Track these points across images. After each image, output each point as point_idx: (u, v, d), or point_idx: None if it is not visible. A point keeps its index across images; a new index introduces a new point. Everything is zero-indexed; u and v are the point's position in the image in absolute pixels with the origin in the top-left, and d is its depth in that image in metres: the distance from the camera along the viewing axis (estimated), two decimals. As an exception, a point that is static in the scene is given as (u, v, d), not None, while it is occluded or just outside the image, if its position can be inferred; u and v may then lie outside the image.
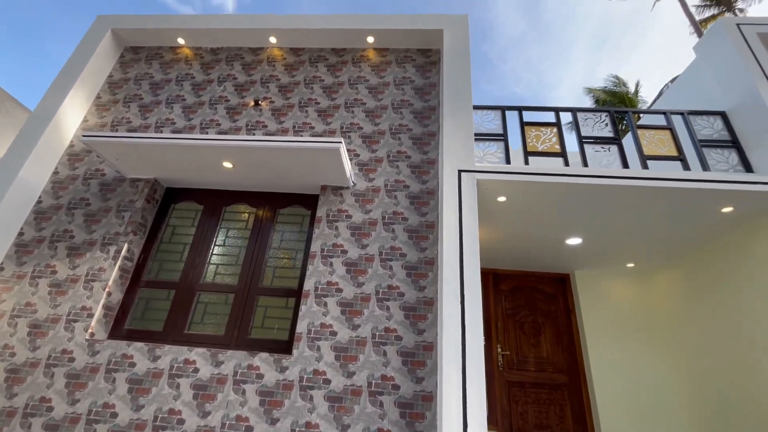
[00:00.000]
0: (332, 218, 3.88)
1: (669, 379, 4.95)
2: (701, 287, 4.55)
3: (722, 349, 4.19)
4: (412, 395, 3.11)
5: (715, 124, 4.32)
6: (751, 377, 3.81)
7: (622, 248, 4.94)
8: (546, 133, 4.36)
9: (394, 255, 3.67)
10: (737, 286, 4.05)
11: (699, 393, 4.53)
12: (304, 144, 3.40)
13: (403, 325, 3.37)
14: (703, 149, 4.12)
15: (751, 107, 4.12)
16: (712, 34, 4.68)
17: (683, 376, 4.79)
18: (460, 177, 3.61)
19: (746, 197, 3.57)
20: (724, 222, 3.95)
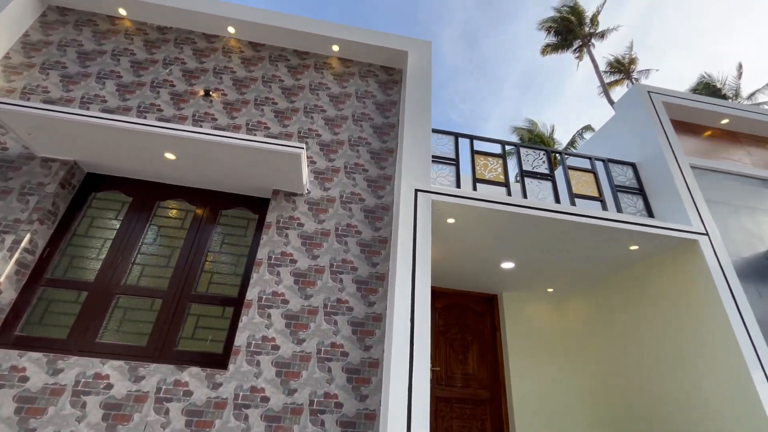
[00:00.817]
0: (283, 225, 3.71)
1: (578, 395, 5.51)
2: (608, 312, 5.19)
3: (623, 368, 4.80)
4: (355, 413, 3.05)
5: (627, 173, 5.03)
6: (646, 394, 4.41)
7: (545, 274, 5.44)
8: (493, 163, 4.69)
9: (346, 268, 3.61)
10: (638, 313, 4.70)
11: (603, 408, 5.11)
12: (264, 145, 3.22)
13: (350, 340, 3.31)
14: (618, 193, 4.77)
15: (654, 162, 4.88)
16: (629, 96, 5.49)
17: (590, 392, 5.37)
18: (416, 196, 3.70)
19: (648, 238, 4.18)
20: (631, 257, 4.57)
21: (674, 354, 4.09)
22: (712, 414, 3.60)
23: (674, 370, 4.06)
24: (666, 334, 4.23)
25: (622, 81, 18.83)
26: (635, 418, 4.48)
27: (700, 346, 3.81)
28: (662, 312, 4.32)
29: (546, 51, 19.07)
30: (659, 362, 4.25)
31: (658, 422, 4.15)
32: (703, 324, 3.82)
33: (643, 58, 18.51)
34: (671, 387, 4.06)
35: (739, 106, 5.50)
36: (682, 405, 3.90)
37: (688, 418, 3.83)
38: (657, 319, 4.37)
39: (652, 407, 4.26)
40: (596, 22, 18.06)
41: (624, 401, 4.70)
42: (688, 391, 3.86)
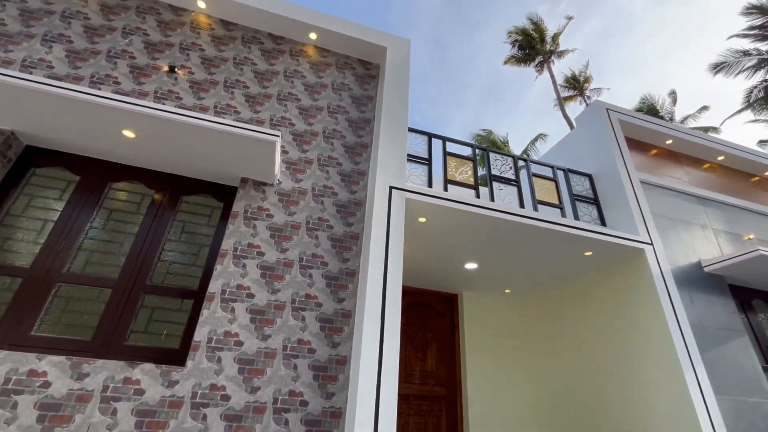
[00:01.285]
0: (251, 215, 3.54)
1: (530, 392, 5.80)
2: (561, 313, 5.50)
3: (573, 367, 5.11)
4: (321, 411, 2.98)
5: (585, 183, 5.36)
6: (593, 391, 4.73)
7: (505, 275, 5.66)
8: (464, 165, 4.79)
9: (316, 263, 3.51)
10: (588, 315, 5.02)
11: (552, 405, 5.42)
12: (236, 129, 3.04)
13: (318, 337, 3.23)
14: (575, 202, 5.06)
15: (608, 175, 5.24)
16: (589, 111, 5.85)
17: (541, 390, 5.67)
18: (391, 193, 3.69)
19: (601, 245, 4.47)
20: (584, 262, 4.87)
21: (619, 353, 4.42)
22: (651, 408, 3.93)
23: (619, 368, 4.39)
24: (612, 335, 4.56)
25: (575, 97, 20.10)
26: (583, 415, 4.79)
27: (642, 346, 4.15)
28: (610, 314, 4.65)
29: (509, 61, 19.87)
30: (605, 361, 4.58)
31: (604, 418, 4.47)
32: (645, 326, 4.16)
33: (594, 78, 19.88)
34: (616, 384, 4.39)
35: (681, 128, 6.04)
36: (626, 401, 4.23)
37: (630, 414, 4.15)
38: (605, 321, 4.70)
39: (599, 404, 4.58)
40: (557, 41, 19.10)
41: (572, 399, 5.01)
42: (631, 388, 4.19)
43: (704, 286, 4.71)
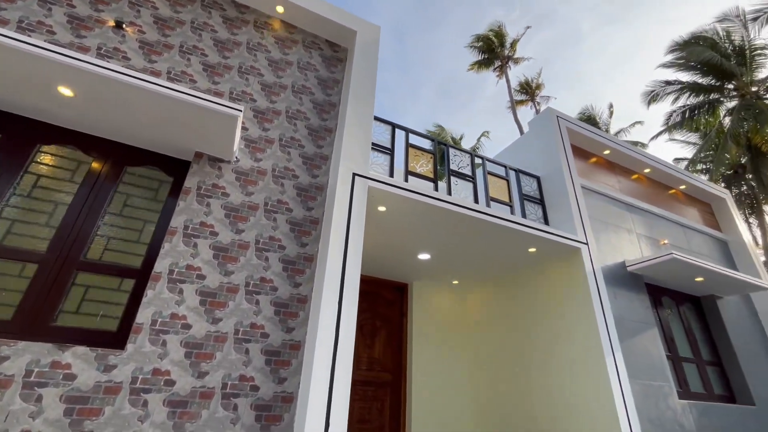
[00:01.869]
0: (204, 192, 3.33)
1: (470, 379, 6.15)
2: (503, 305, 5.87)
3: (511, 357, 5.49)
4: (272, 396, 2.93)
5: (533, 184, 5.72)
6: (529, 379, 5.13)
7: (454, 267, 5.91)
8: (424, 158, 4.88)
9: (273, 246, 3.41)
10: (527, 307, 5.41)
11: (490, 392, 5.79)
12: (196, 99, 2.84)
13: (272, 321, 3.16)
14: (524, 201, 5.39)
15: (553, 179, 5.64)
16: (542, 117, 6.22)
17: (480, 377, 6.03)
18: (354, 180, 3.67)
19: (544, 243, 4.82)
20: (530, 258, 5.23)
21: (552, 341, 4.83)
22: (577, 389, 4.36)
23: (551, 354, 4.80)
24: (547, 325, 4.96)
25: (527, 102, 21.23)
26: (517, 397, 5.19)
27: (573, 335, 4.57)
28: (546, 306, 5.05)
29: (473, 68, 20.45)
30: (540, 348, 4.98)
31: (537, 399, 4.87)
32: (576, 317, 4.58)
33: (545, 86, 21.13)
34: (548, 369, 4.80)
35: (618, 141, 6.65)
36: (556, 384, 4.65)
37: (559, 395, 4.57)
38: (542, 312, 5.10)
39: (532, 387, 4.99)
40: (515, 47, 19.98)
41: (509, 383, 5.39)
42: (561, 372, 4.61)
43: (626, 284, 5.28)
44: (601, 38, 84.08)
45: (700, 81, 16.71)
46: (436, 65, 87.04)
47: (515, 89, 21.15)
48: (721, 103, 17.28)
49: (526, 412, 4.96)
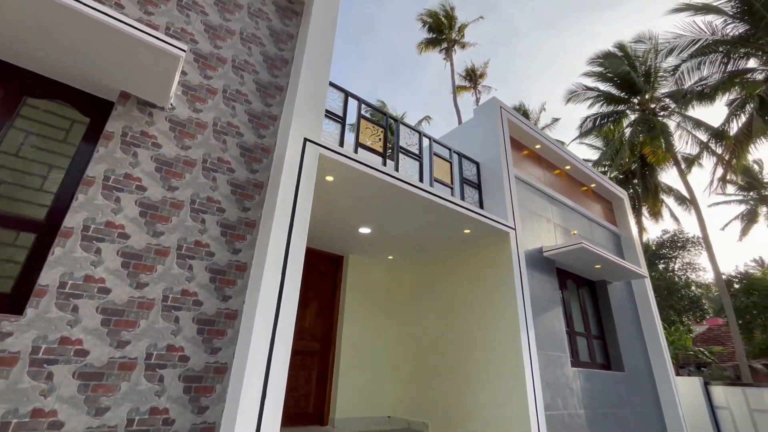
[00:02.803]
0: (131, 140, 2.90)
1: (397, 349, 6.44)
2: (434, 283, 6.19)
3: (439, 328, 5.85)
4: (204, 367, 2.76)
5: (473, 169, 6.00)
6: (454, 352, 5.53)
7: (392, 243, 6.03)
8: (375, 131, 4.81)
9: (211, 208, 3.13)
10: (456, 285, 5.77)
11: (414, 359, 6.14)
12: (131, 30, 2.40)
13: (207, 289, 2.93)
14: (464, 185, 5.65)
15: (491, 166, 5.98)
16: (487, 106, 6.48)
17: (407, 347, 6.35)
18: (305, 145, 3.48)
19: (479, 225, 5.12)
20: (464, 239, 5.53)
21: (478, 320, 5.25)
22: (494, 360, 4.82)
23: (475, 329, 5.22)
24: (473, 302, 5.36)
25: (469, 89, 21.96)
26: (440, 368, 5.58)
27: (495, 312, 5.01)
28: (473, 285, 5.44)
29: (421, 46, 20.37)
30: (465, 327, 5.38)
31: (459, 370, 5.29)
32: (499, 296, 5.02)
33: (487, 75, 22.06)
34: (472, 345, 5.22)
35: (549, 138, 7.23)
36: (477, 355, 5.08)
37: (478, 364, 5.02)
38: (468, 290, 5.48)
39: (454, 359, 5.39)
40: (463, 32, 20.32)
41: (433, 356, 5.77)
42: (484, 350, 5.05)
43: (541, 267, 5.90)
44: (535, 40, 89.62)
45: (614, 92, 18.76)
46: (380, 39, 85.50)
47: (459, 74, 21.71)
48: (626, 115, 19.64)
49: (446, 384, 5.38)
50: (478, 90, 21.56)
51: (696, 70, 15.14)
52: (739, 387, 7.59)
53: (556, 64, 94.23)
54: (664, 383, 7.06)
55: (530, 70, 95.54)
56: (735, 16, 13.64)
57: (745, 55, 14.11)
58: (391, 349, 6.44)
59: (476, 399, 4.88)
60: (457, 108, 20.63)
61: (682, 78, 15.71)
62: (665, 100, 18.29)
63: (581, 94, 19.91)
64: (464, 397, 5.04)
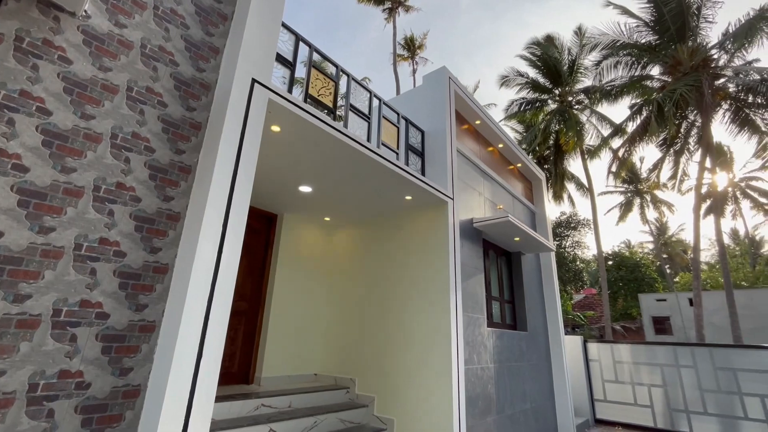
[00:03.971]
0: (29, 48, 2.29)
1: (328, 312, 6.46)
2: (371, 246, 6.24)
3: (374, 292, 5.97)
4: (127, 325, 2.45)
5: (418, 137, 6.03)
6: (389, 312, 5.71)
7: (331, 204, 5.89)
8: (326, 84, 4.51)
9: (137, 146, 2.67)
10: (395, 249, 5.89)
11: (347, 321, 6.23)
12: None
13: (132, 239, 2.56)
14: (409, 151, 5.66)
15: (435, 135, 6.07)
16: (436, 75, 6.47)
17: (339, 310, 6.40)
18: (253, 87, 3.11)
19: (420, 192, 5.21)
20: (404, 205, 5.61)
21: (412, 285, 5.46)
22: (426, 321, 5.11)
23: (409, 298, 5.43)
24: (409, 267, 5.55)
25: (407, 59, 21.72)
26: (373, 329, 5.75)
27: (430, 277, 5.25)
28: (410, 251, 5.62)
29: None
30: (399, 292, 5.57)
31: (393, 330, 5.50)
32: (434, 262, 5.26)
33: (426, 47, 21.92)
34: (405, 309, 5.44)
35: (488, 115, 7.53)
36: (410, 324, 5.33)
37: (410, 325, 5.27)
38: (405, 256, 5.65)
39: (389, 320, 5.59)
40: (408, -8, 19.75)
41: (367, 318, 5.91)
42: (418, 312, 5.30)
43: (470, 237, 6.30)
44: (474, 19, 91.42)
45: (541, 81, 20.14)
46: (320, -14, 79.40)
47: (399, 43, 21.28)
48: (547, 104, 21.33)
49: (376, 343, 5.59)
50: (415, 61, 21.48)
51: (613, 68, 16.85)
52: (607, 343, 9.22)
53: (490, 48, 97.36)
54: (555, 341, 8.25)
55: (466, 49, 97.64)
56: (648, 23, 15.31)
57: (649, 62, 16.07)
58: (322, 309, 6.46)
59: (405, 355, 5.17)
60: (396, 75, 20.40)
61: (601, 75, 17.39)
62: (581, 95, 20.23)
63: (513, 79, 21.04)
64: (393, 355, 5.31)
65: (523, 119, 22.42)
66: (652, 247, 40.61)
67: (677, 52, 15.01)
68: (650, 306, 27.45)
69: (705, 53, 14.94)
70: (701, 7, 14.19)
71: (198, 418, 2.33)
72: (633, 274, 32.56)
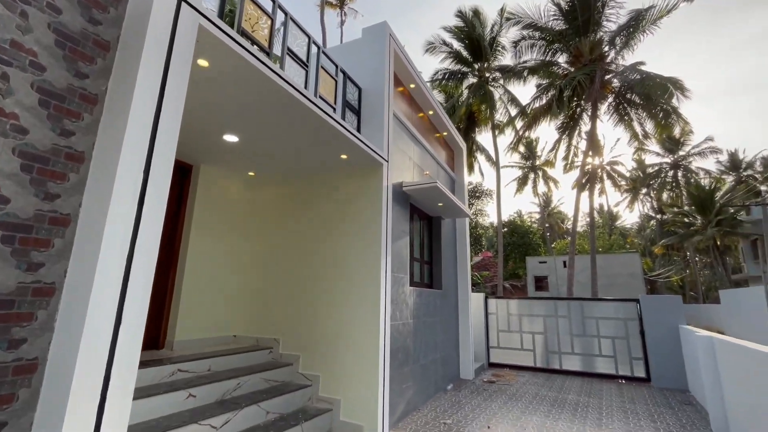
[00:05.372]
0: None
1: (250, 270, 6.10)
2: (301, 207, 5.95)
3: (301, 257, 5.77)
4: (16, 289, 1.97)
5: (355, 93, 5.78)
6: (320, 271, 5.58)
7: (258, 157, 5.40)
8: (263, 20, 3.98)
9: (20, 60, 2.05)
10: (327, 210, 5.72)
11: (270, 281, 5.97)
12: None
13: (18, 181, 2.01)
14: (346, 107, 5.41)
15: (373, 94, 5.89)
16: (376, 29, 6.16)
17: (261, 269, 6.08)
18: (179, 6, 2.58)
19: (357, 152, 5.04)
20: (339, 164, 5.40)
21: (343, 246, 5.41)
22: (357, 280, 5.15)
23: (340, 259, 5.39)
24: (343, 228, 5.47)
25: (335, 7, 20.33)
26: (298, 294, 5.62)
27: (363, 238, 5.26)
28: (344, 212, 5.52)
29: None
30: (328, 250, 5.49)
31: (321, 291, 5.43)
32: (368, 223, 5.27)
33: None
34: (335, 270, 5.39)
35: (423, 80, 7.52)
36: (338, 281, 5.31)
37: (340, 286, 5.27)
38: (339, 217, 5.55)
39: (316, 289, 5.50)
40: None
41: (292, 280, 5.73)
42: (349, 272, 5.29)
43: (400, 201, 6.43)
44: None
45: (464, 54, 20.74)
46: None
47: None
48: (467, 77, 22.17)
49: (302, 303, 5.50)
50: (344, 12, 20.27)
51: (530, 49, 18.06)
52: (503, 299, 10.56)
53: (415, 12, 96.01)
54: (464, 298, 9.13)
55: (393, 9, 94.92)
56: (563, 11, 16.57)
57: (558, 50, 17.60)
58: (243, 269, 6.09)
59: (333, 315, 5.21)
60: (323, 23, 19.05)
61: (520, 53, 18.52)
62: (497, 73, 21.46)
63: (438, 47, 21.29)
64: (320, 315, 5.31)
65: (445, 89, 23.09)
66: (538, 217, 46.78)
67: (581, 44, 16.70)
68: (534, 267, 31.98)
69: (601, 48, 16.90)
70: (605, 4, 15.80)
71: (117, 393, 2.04)
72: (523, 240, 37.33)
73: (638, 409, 6.47)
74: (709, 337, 5.70)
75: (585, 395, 7.34)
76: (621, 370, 8.74)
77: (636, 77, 15.58)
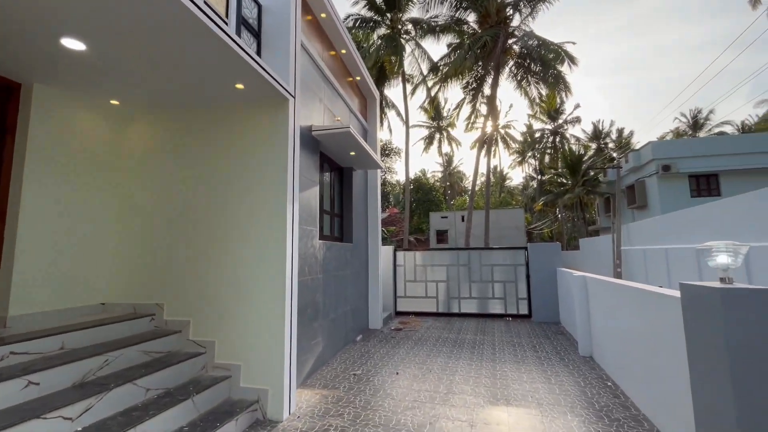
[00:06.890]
0: None
1: (117, 224, 4.93)
2: (186, 147, 4.85)
3: (187, 207, 4.79)
4: None
5: (254, 11, 4.77)
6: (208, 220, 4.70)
7: (121, 78, 4.15)
8: None
9: None
10: (222, 150, 4.76)
11: (148, 238, 4.90)
12: None
13: None
14: (241, 25, 4.42)
15: (276, 15, 4.94)
16: (279, -68, 5.06)
17: (134, 223, 4.95)
18: None
19: (257, 81, 4.16)
20: (233, 96, 4.45)
21: (239, 193, 4.62)
22: (258, 231, 4.49)
23: (236, 206, 4.60)
24: (236, 176, 4.65)
25: None
26: (187, 250, 4.72)
27: (265, 183, 4.54)
28: (243, 156, 4.68)
29: None
30: (222, 200, 4.66)
31: (214, 251, 4.62)
32: (271, 167, 4.54)
33: None
34: (231, 217, 4.61)
35: (334, 8, 6.64)
36: (236, 234, 4.57)
37: (240, 249, 4.55)
38: (235, 162, 4.69)
39: (211, 238, 4.67)
40: None
41: (178, 235, 4.79)
42: (245, 223, 4.56)
43: (308, 146, 5.79)
44: None
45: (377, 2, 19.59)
46: None
47: None
48: (380, 26, 21.22)
49: (193, 266, 4.67)
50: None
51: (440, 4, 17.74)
52: (411, 251, 10.87)
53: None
54: (373, 251, 9.07)
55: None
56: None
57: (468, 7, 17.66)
58: (113, 221, 4.91)
59: (230, 273, 4.53)
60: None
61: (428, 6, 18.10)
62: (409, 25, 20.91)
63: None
64: (214, 273, 4.58)
65: (357, 38, 21.83)
66: (441, 176, 49.56)
67: (489, 4, 16.98)
68: (436, 222, 34.10)
69: (506, 12, 17.46)
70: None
71: None
72: (426, 197, 39.33)
73: (523, 342, 7.32)
74: (582, 276, 6.54)
75: (480, 334, 8.05)
76: (509, 309, 9.84)
77: (534, 43, 16.57)
